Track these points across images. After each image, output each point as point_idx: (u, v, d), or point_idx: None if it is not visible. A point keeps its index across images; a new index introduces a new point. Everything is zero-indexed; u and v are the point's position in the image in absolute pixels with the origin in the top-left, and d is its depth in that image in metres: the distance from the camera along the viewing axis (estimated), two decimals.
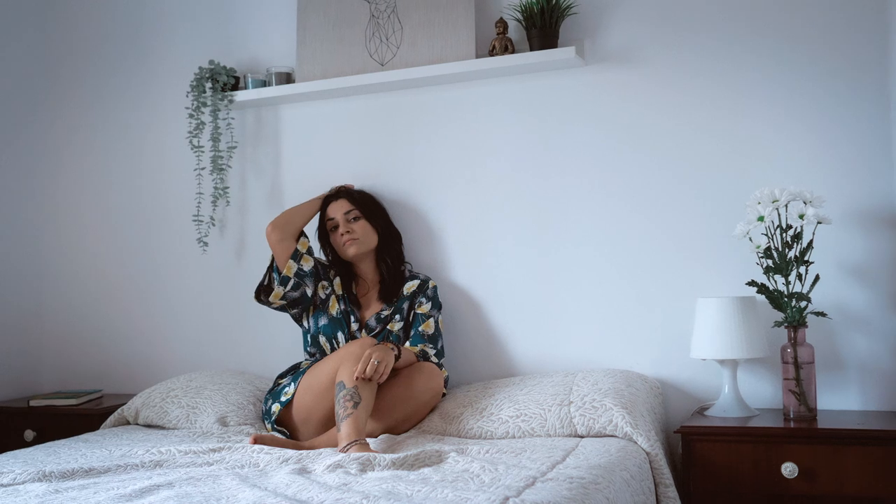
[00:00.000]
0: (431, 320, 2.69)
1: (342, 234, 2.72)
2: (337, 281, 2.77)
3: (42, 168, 3.48)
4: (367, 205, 2.78)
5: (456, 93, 2.90)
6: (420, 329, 2.67)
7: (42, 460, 2.18)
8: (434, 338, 2.67)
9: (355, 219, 2.73)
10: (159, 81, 3.32)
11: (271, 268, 2.75)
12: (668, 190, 2.65)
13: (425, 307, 2.70)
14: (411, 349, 2.60)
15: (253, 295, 2.79)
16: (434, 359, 2.63)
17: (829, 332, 2.46)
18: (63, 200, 3.47)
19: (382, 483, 1.80)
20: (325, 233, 2.81)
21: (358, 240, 2.71)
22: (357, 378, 2.30)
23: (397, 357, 2.44)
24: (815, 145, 2.50)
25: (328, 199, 2.81)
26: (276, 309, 2.76)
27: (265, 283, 2.76)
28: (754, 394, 2.52)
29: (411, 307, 2.72)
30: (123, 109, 3.38)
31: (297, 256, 2.72)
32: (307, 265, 2.74)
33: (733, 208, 2.53)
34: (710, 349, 2.40)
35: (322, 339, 2.71)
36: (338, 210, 2.76)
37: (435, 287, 2.75)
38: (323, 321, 2.72)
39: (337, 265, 2.80)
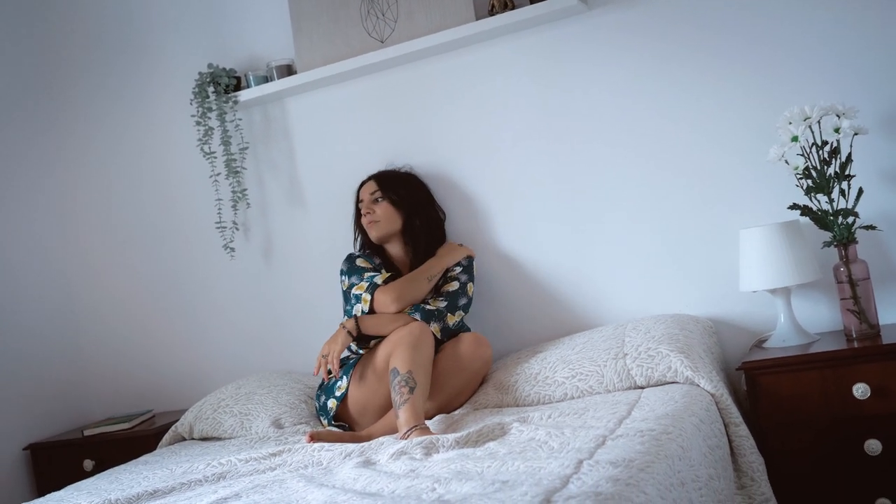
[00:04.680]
0: (456, 282, 2.59)
1: (365, 215, 2.66)
2: None
3: (59, 196, 3.45)
4: (393, 185, 2.68)
5: (461, 59, 2.82)
6: (442, 288, 2.59)
7: (106, 489, 2.16)
8: (454, 295, 2.56)
9: (377, 200, 2.66)
10: (161, 93, 3.28)
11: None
12: (694, 123, 2.56)
13: (455, 271, 2.62)
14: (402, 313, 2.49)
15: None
16: (440, 304, 2.51)
17: (881, 244, 2.38)
18: (84, 224, 3.44)
19: (450, 464, 1.76)
20: (360, 217, 2.73)
21: (378, 222, 2.64)
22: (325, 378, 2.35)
23: (353, 335, 2.44)
24: (843, 53, 2.39)
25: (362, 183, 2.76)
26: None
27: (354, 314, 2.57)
28: (812, 319, 2.45)
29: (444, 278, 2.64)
30: (130, 126, 3.34)
31: None
32: None
33: (764, 133, 2.43)
34: (759, 280, 2.33)
35: None
36: (365, 192, 2.70)
37: (471, 259, 2.69)
38: None
39: (371, 250, 2.72)
